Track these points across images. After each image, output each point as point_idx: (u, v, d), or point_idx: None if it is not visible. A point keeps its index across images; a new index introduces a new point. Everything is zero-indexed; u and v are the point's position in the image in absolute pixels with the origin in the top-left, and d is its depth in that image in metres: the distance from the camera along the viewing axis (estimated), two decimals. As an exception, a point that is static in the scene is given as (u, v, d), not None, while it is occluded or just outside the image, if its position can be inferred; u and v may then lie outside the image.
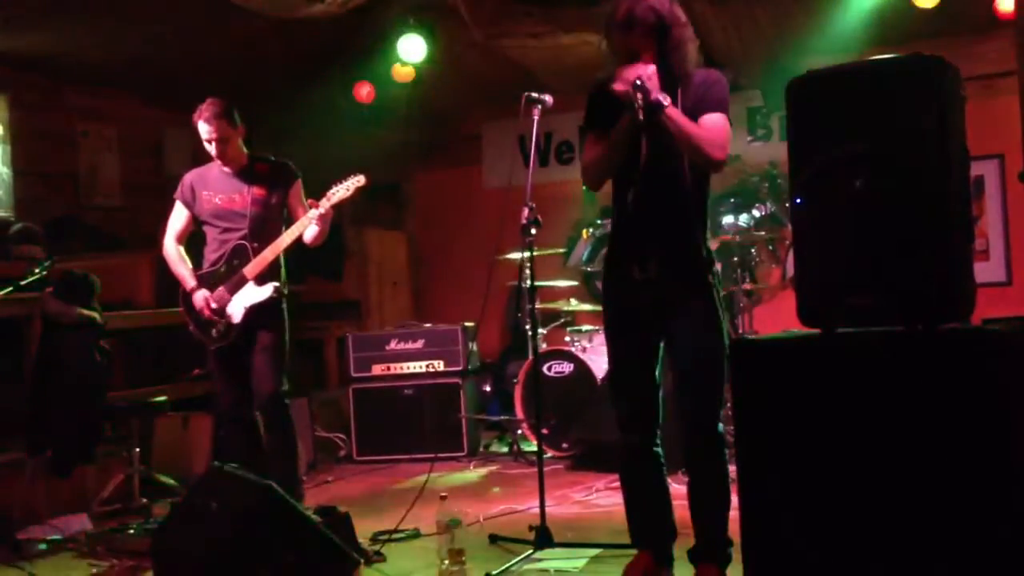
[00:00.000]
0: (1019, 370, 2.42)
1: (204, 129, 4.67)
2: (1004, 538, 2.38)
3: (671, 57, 3.44)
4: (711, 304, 3.45)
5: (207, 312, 4.72)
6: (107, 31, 6.66)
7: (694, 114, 3.39)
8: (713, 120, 3.40)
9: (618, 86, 3.34)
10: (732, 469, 3.08)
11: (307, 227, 4.65)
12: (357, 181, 4.67)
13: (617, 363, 3.68)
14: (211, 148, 4.70)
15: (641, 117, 3.31)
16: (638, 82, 3.28)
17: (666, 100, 3.32)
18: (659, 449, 3.61)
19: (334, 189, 4.66)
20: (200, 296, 4.74)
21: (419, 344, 7.05)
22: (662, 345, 3.56)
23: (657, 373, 3.58)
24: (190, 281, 4.79)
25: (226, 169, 4.80)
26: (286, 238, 4.69)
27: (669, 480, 3.70)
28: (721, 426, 3.51)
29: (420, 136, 8.99)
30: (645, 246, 3.49)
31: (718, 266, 3.70)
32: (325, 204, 4.62)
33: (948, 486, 2.44)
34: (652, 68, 3.34)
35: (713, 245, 3.83)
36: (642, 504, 3.68)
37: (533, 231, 4.11)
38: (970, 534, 2.41)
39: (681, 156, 3.41)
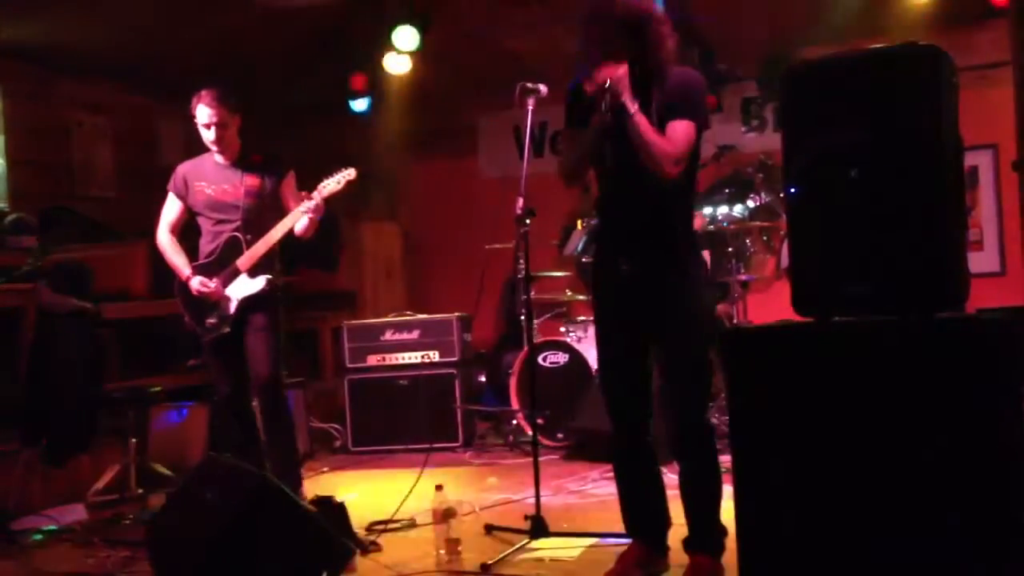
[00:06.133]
0: (1013, 359, 2.43)
1: (204, 113, 4.66)
2: (998, 522, 2.39)
3: (649, 55, 3.36)
4: (694, 296, 3.45)
5: (206, 290, 4.70)
6: (101, 21, 6.64)
7: (666, 114, 3.35)
8: (678, 129, 3.32)
9: (589, 87, 3.32)
10: (726, 459, 3.09)
11: (298, 220, 4.66)
12: (347, 175, 4.70)
13: (606, 354, 3.68)
14: (209, 133, 4.69)
15: (608, 119, 3.31)
16: (607, 83, 3.26)
17: (633, 106, 3.27)
18: (651, 439, 3.62)
19: (325, 182, 4.68)
20: (196, 280, 4.72)
21: (414, 335, 7.05)
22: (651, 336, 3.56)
23: (647, 363, 3.58)
24: (184, 270, 4.78)
25: (220, 160, 4.79)
26: (277, 231, 4.69)
27: (663, 470, 3.71)
28: (710, 416, 3.52)
29: (415, 127, 8.97)
30: (626, 243, 3.49)
31: (705, 253, 3.69)
32: (317, 197, 4.63)
33: (943, 474, 2.45)
34: (624, 69, 3.29)
35: (699, 222, 3.81)
36: (635, 494, 3.69)
37: (528, 221, 4.11)
38: (965, 521, 2.42)
39: None
